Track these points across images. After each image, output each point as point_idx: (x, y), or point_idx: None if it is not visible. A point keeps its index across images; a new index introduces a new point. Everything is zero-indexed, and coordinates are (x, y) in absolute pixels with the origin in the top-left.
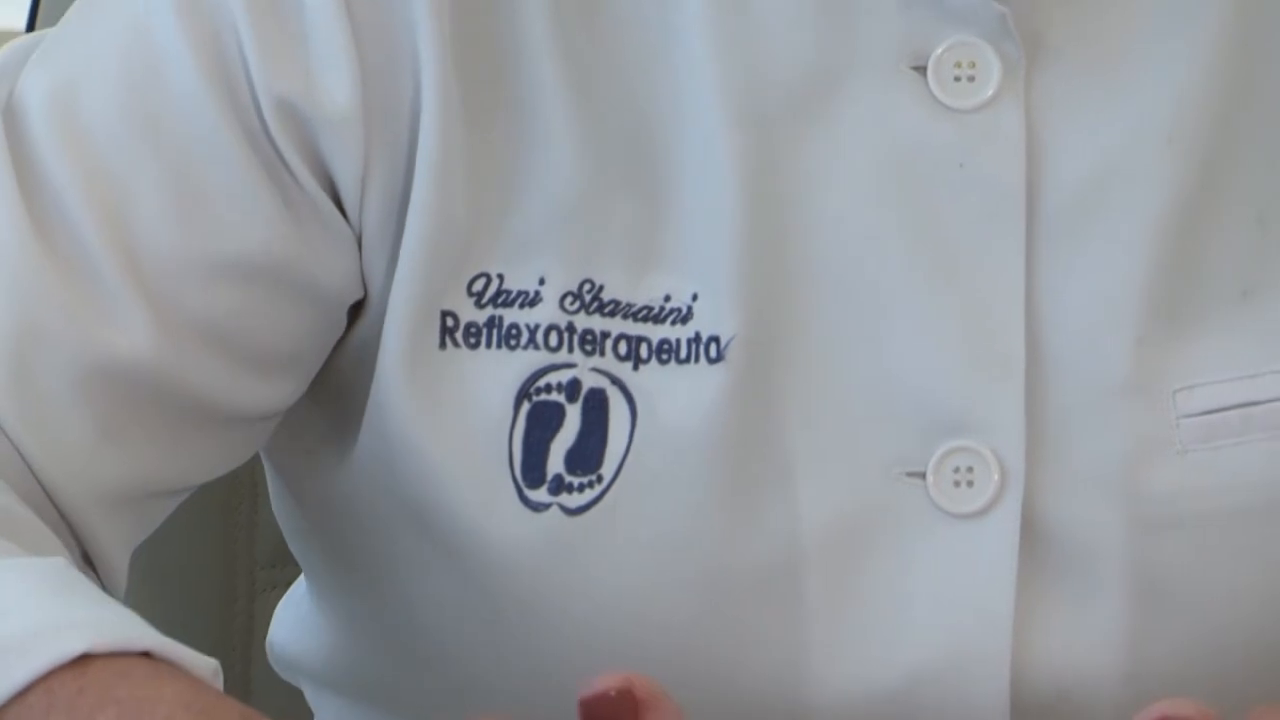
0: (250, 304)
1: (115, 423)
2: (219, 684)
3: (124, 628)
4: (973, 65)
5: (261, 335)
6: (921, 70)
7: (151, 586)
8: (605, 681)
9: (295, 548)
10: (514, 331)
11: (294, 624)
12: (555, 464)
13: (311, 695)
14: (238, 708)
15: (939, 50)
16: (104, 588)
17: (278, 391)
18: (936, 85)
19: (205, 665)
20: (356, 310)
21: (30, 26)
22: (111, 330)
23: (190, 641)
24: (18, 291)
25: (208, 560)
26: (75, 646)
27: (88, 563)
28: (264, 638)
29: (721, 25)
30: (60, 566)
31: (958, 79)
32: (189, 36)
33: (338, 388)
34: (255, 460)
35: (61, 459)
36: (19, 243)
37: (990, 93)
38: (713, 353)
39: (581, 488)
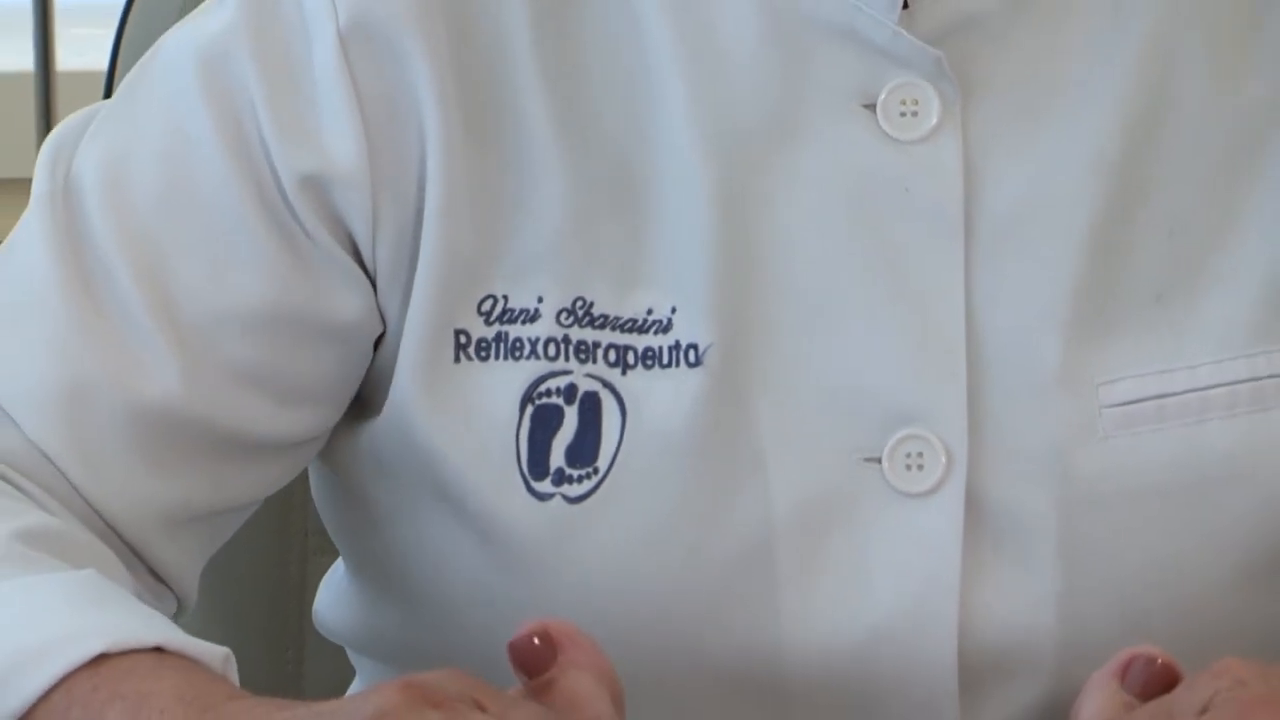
0: (275, 349)
1: (160, 458)
2: (231, 670)
3: (137, 629)
4: (915, 103)
5: (289, 374)
6: (871, 107)
7: (216, 561)
8: (526, 628)
9: (333, 533)
10: (518, 344)
11: (333, 598)
12: (557, 459)
13: (352, 656)
14: (227, 691)
15: (886, 90)
16: (177, 599)
17: (313, 420)
18: (884, 121)
19: (214, 654)
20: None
21: (109, 82)
22: (147, 379)
23: (251, 608)
24: (67, 347)
25: (265, 536)
26: (91, 648)
27: (156, 579)
28: (310, 610)
29: (693, 68)
30: (89, 578)
31: (903, 114)
32: (214, 121)
33: (359, 397)
34: None
35: (116, 493)
36: (66, 303)
37: (931, 126)
38: (691, 358)
39: (580, 479)
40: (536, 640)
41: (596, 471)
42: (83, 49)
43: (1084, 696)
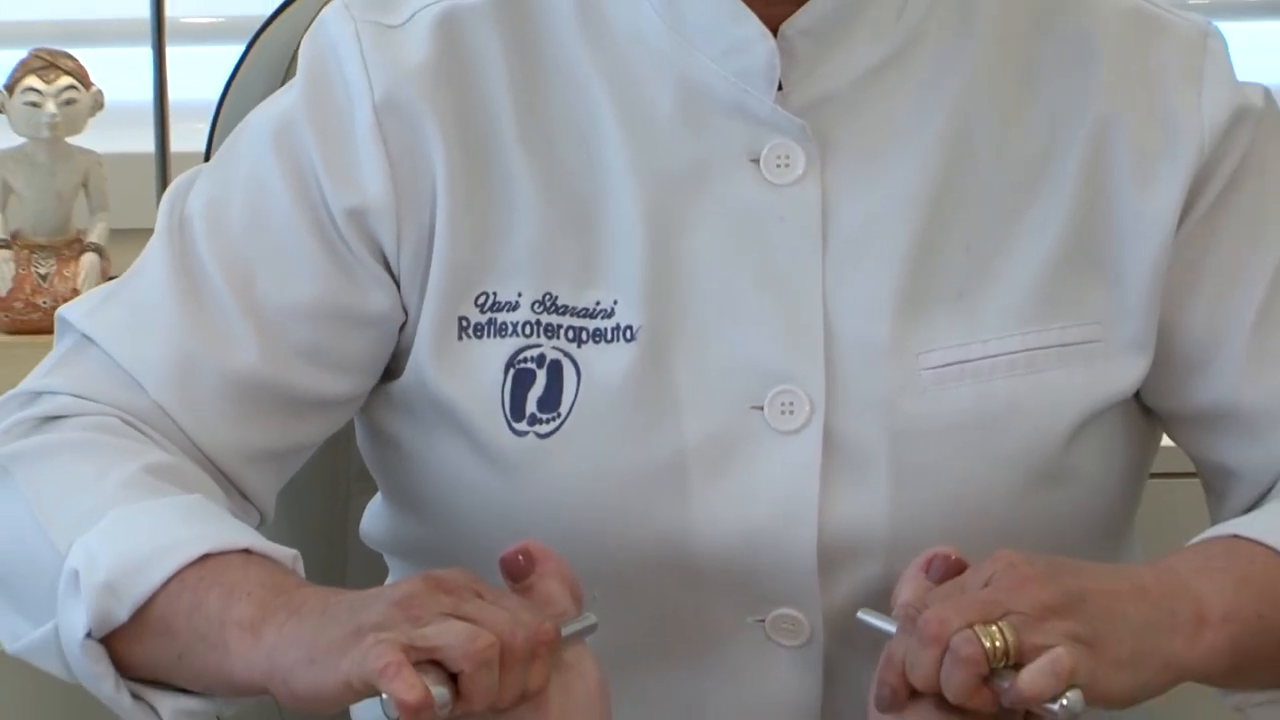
0: (327, 333)
1: (245, 412)
2: (299, 567)
3: (232, 536)
4: (787, 157)
5: (338, 351)
6: (756, 161)
7: (286, 491)
8: (513, 547)
9: (372, 469)
10: (503, 327)
11: (374, 518)
12: (531, 407)
13: (387, 559)
14: (296, 582)
15: (766, 148)
16: (260, 516)
17: (355, 384)
18: (765, 170)
19: (287, 555)
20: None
21: (207, 154)
22: (235, 355)
23: (312, 525)
24: (179, 333)
25: (321, 476)
26: (198, 550)
27: (245, 499)
28: (357, 526)
29: (628, 131)
30: (197, 500)
31: (778, 166)
32: (283, 172)
33: (388, 367)
34: None
35: (214, 438)
36: (179, 303)
37: (798, 174)
38: (628, 336)
39: (548, 421)
40: (520, 556)
41: (559, 416)
42: (188, 136)
43: (899, 584)
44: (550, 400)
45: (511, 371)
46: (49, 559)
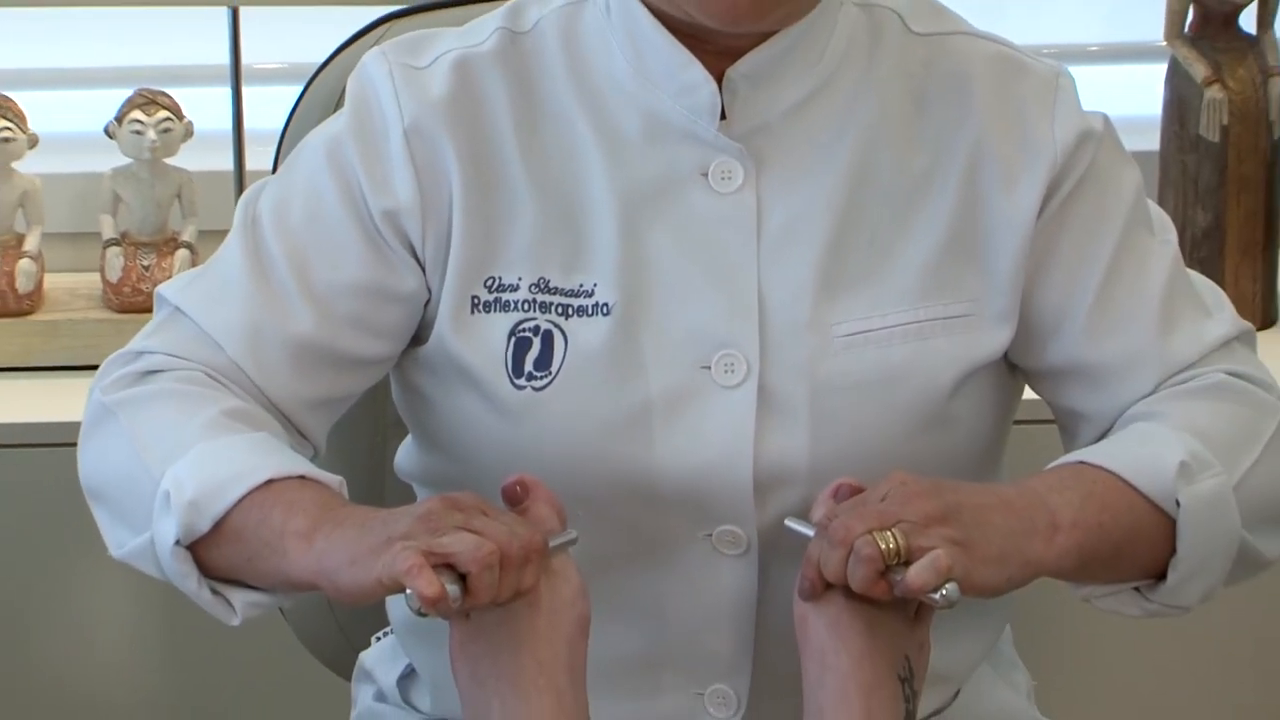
0: (368, 307)
1: (303, 368)
2: (344, 491)
3: (292, 464)
4: (729, 172)
5: (376, 321)
6: (705, 175)
7: (335, 435)
8: (512, 479)
9: (403, 415)
10: (507, 304)
11: (405, 453)
12: (528, 367)
13: (415, 488)
14: (342, 502)
15: (712, 165)
16: (314, 450)
17: (390, 347)
18: (712, 182)
19: (333, 480)
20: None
21: (273, 168)
22: (294, 323)
23: (356, 460)
24: (250, 305)
25: (363, 420)
26: (265, 475)
27: (302, 437)
28: (392, 461)
29: (605, 151)
30: (264, 437)
31: (722, 179)
32: (334, 180)
33: (415, 334)
34: None
35: (276, 388)
36: (251, 281)
37: (738, 185)
38: (605, 311)
39: (541, 378)
40: (518, 486)
41: (550, 374)
42: (258, 157)
43: (815, 505)
44: (543, 361)
45: (513, 339)
46: (146, 483)
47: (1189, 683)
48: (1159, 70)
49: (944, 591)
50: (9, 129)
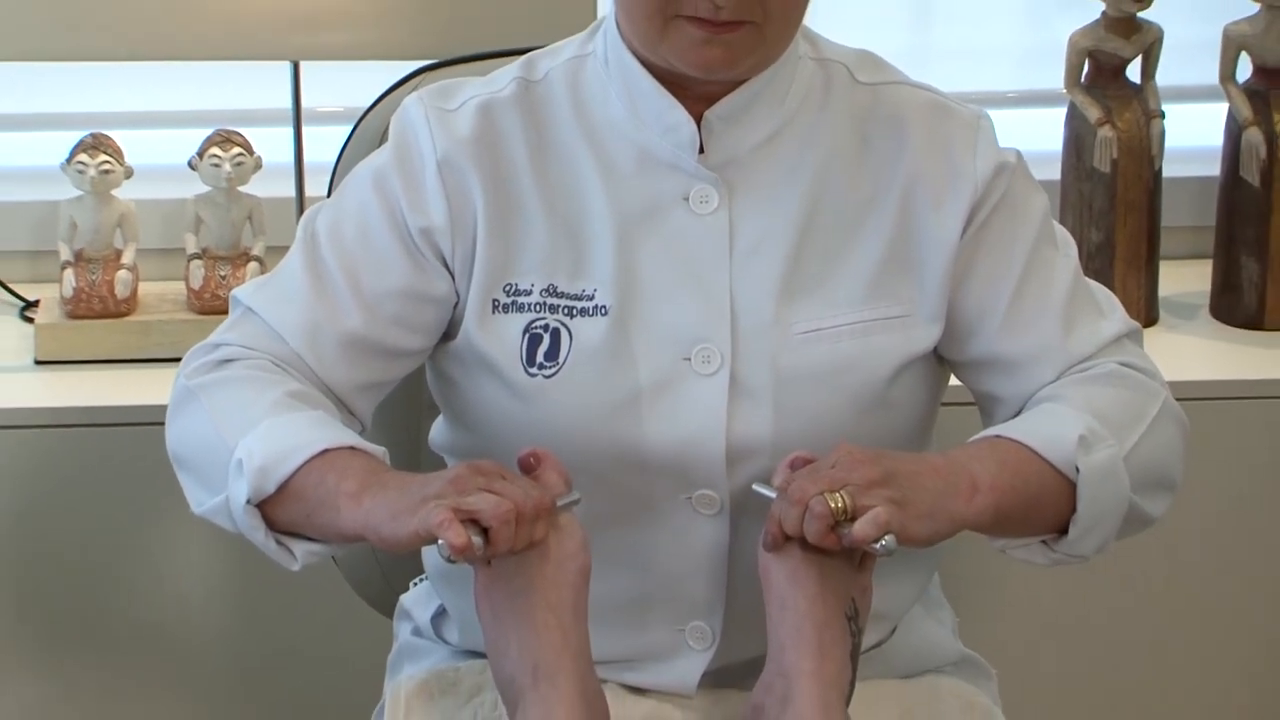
0: (408, 308)
1: (353, 359)
2: (386, 459)
3: (344, 437)
4: (707, 197)
5: (415, 320)
6: (686, 199)
7: (379, 414)
8: (526, 451)
9: (436, 398)
10: (522, 306)
11: (437, 430)
12: (539, 359)
13: (446, 459)
14: (385, 467)
15: (692, 191)
16: (362, 426)
17: (426, 342)
18: (692, 205)
19: (378, 450)
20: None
21: (328, 193)
22: (346, 321)
23: (397, 435)
24: (309, 307)
25: (403, 403)
26: (321, 446)
27: (352, 415)
28: (427, 436)
29: (603, 178)
30: (321, 415)
31: (701, 202)
32: (379, 203)
33: (446, 331)
34: None
35: (331, 375)
36: (311, 287)
37: (714, 208)
38: (603, 312)
39: (550, 368)
40: (531, 457)
41: (558, 365)
42: (316, 185)
43: (775, 473)
44: (552, 354)
45: (527, 335)
46: (222, 452)
47: (1083, 617)
48: (1060, 113)
49: (883, 543)
50: (109, 162)
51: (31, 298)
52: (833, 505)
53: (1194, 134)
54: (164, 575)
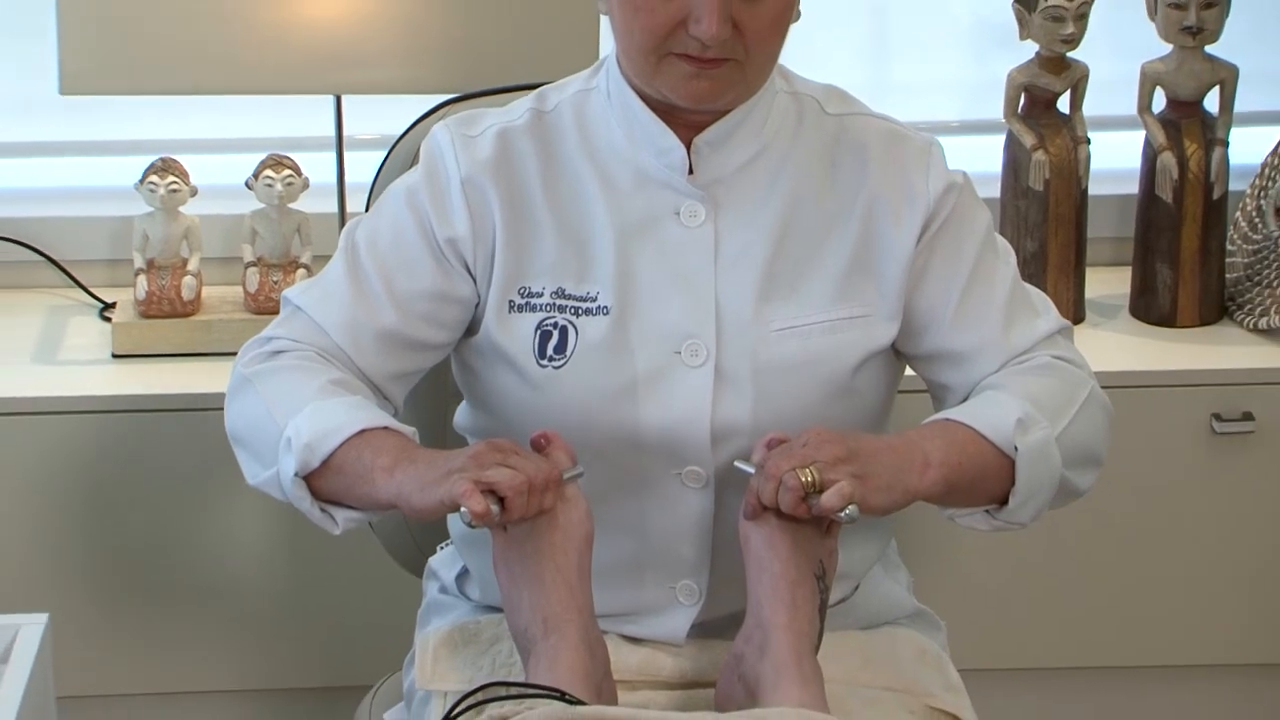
0: (436, 307)
1: (388, 351)
2: (416, 438)
3: (379, 419)
4: (696, 212)
5: (442, 318)
6: (677, 213)
7: (410, 399)
8: (538, 432)
9: (460, 386)
10: (534, 306)
11: (461, 414)
12: (549, 352)
13: (467, 438)
14: (416, 445)
15: (682, 207)
16: (395, 410)
17: (451, 337)
18: (683, 219)
19: (409, 430)
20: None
21: (366, 208)
22: (381, 318)
23: (427, 417)
24: (349, 306)
25: (431, 390)
26: (359, 427)
27: (386, 400)
28: (452, 419)
29: (605, 194)
30: (360, 400)
31: (690, 216)
32: (411, 216)
33: (469, 327)
34: None
35: (368, 365)
36: (350, 289)
37: (701, 222)
38: (604, 312)
39: (559, 361)
40: (542, 438)
41: (565, 358)
42: (355, 201)
43: (754, 452)
44: (560, 348)
45: (538, 332)
46: (274, 431)
47: (1020, 576)
48: (1000, 140)
49: (847, 512)
50: (176, 183)
51: (109, 300)
52: (803, 479)
53: (1116, 158)
54: (223, 540)
